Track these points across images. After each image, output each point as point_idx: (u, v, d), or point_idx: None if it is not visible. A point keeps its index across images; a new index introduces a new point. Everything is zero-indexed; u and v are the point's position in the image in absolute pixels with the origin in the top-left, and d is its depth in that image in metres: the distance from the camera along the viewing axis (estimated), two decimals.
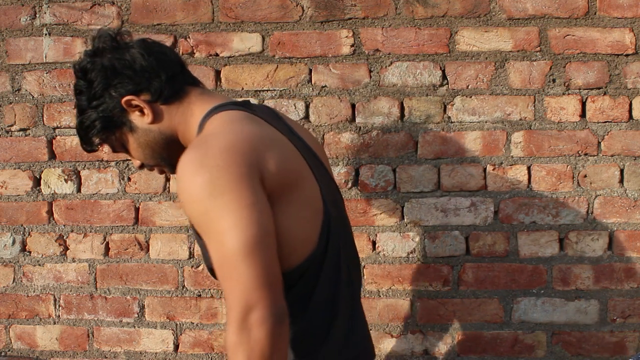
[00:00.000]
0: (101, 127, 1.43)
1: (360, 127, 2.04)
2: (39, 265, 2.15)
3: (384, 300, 2.06)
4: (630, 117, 1.99)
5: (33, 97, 2.12)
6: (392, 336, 2.06)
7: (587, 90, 1.99)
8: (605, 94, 1.99)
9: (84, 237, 2.13)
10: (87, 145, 1.50)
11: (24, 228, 2.15)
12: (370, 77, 2.03)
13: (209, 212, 1.21)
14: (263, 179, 1.25)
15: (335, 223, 1.41)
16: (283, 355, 1.22)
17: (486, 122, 2.01)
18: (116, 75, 1.40)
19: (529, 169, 2.01)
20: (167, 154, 1.45)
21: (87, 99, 1.43)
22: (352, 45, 2.03)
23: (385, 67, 2.03)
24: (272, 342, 1.18)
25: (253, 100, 2.04)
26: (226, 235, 1.19)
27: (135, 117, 1.42)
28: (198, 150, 1.26)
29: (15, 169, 2.14)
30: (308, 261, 1.34)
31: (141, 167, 1.51)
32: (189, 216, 1.29)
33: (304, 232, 1.34)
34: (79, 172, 2.13)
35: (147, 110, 1.40)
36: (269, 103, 2.05)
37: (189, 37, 2.07)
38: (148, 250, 2.11)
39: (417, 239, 2.04)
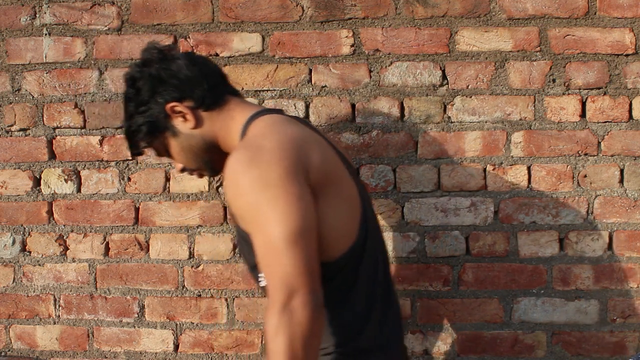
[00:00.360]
0: (147, 131, 1.54)
1: (360, 127, 2.04)
2: (39, 265, 2.15)
3: None
4: (630, 117, 1.99)
5: (33, 97, 2.12)
6: None
7: (587, 90, 1.99)
8: (605, 94, 1.99)
9: (84, 237, 2.13)
10: (134, 148, 1.61)
11: (24, 228, 2.15)
12: (370, 77, 2.03)
13: (258, 204, 1.29)
14: (308, 173, 1.34)
15: (371, 220, 1.52)
16: (319, 341, 1.29)
17: (486, 122, 2.01)
18: (162, 84, 1.51)
19: (529, 169, 2.01)
20: (208, 158, 1.55)
21: (134, 105, 1.54)
22: (352, 45, 2.03)
23: (385, 67, 2.03)
24: (312, 325, 1.25)
25: (253, 100, 2.04)
26: (273, 224, 1.27)
27: (178, 123, 1.52)
28: (247, 149, 1.35)
29: (15, 169, 2.14)
30: (349, 254, 1.42)
31: (182, 170, 1.62)
32: (236, 211, 1.37)
33: (345, 225, 1.42)
34: (79, 172, 2.13)
35: (189, 116, 1.51)
36: (269, 103, 2.05)
37: (189, 37, 2.07)
38: (148, 250, 2.11)
39: (417, 239, 2.04)
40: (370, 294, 1.49)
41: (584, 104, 2.00)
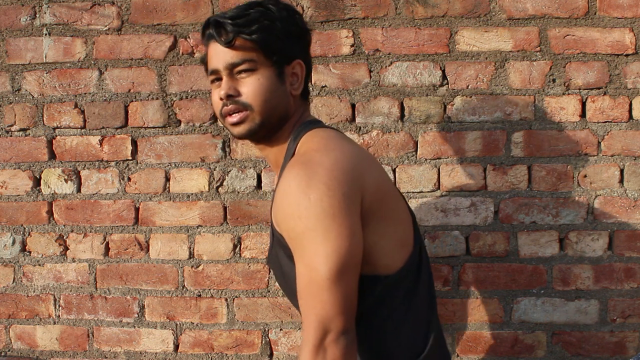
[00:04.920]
0: (273, 43, 1.38)
1: (360, 127, 2.04)
2: (39, 265, 2.15)
3: None
4: (630, 117, 1.99)
5: (33, 97, 2.12)
6: None
7: (587, 90, 1.99)
8: (605, 94, 1.99)
9: (84, 237, 2.13)
10: (243, 33, 1.37)
11: (24, 228, 2.15)
12: (370, 77, 2.03)
13: (310, 233, 1.27)
14: (363, 196, 1.33)
15: (418, 229, 1.52)
16: None
17: (486, 122, 2.01)
18: (308, 42, 1.49)
19: (529, 169, 2.01)
20: (274, 121, 1.42)
21: (284, 19, 1.40)
22: (352, 45, 2.03)
23: (385, 67, 2.03)
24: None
25: None
26: (320, 260, 1.27)
27: (288, 77, 1.43)
28: (306, 167, 1.31)
29: (15, 169, 2.14)
30: (409, 262, 1.43)
31: (229, 97, 1.40)
32: (285, 229, 1.34)
33: (401, 234, 1.43)
34: (79, 172, 2.13)
35: (300, 85, 1.46)
36: None
37: (189, 37, 2.07)
38: (148, 250, 2.11)
39: None
40: (431, 299, 1.52)
41: (584, 104, 2.00)
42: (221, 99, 1.41)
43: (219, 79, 1.43)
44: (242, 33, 1.37)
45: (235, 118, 1.41)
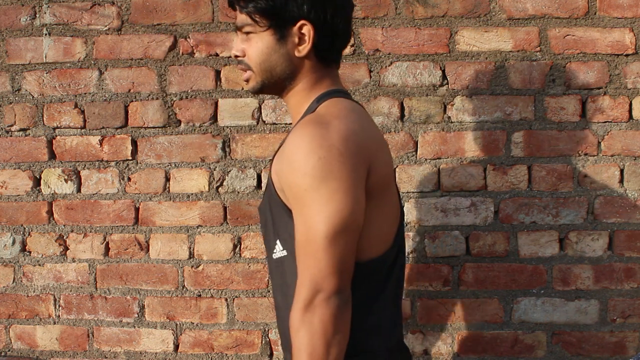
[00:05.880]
0: (271, 7, 1.39)
1: None
2: (39, 265, 2.15)
3: None
4: (630, 117, 1.99)
5: (33, 97, 2.12)
6: None
7: (587, 90, 1.99)
8: (605, 94, 1.99)
9: (84, 237, 2.13)
10: (242, 1, 1.42)
11: (24, 228, 2.15)
12: (370, 77, 2.03)
13: (314, 192, 1.27)
14: (369, 175, 1.33)
15: (403, 233, 1.52)
16: (344, 338, 1.29)
17: (486, 122, 2.01)
18: (318, 1, 1.40)
19: (529, 169, 2.01)
20: (274, 81, 1.45)
21: None
22: (352, 45, 2.03)
23: (385, 67, 2.03)
24: (335, 323, 1.26)
25: (253, 100, 2.05)
26: (320, 218, 1.26)
27: (291, 38, 1.41)
28: (320, 127, 1.31)
29: (15, 169, 2.14)
30: (381, 259, 1.41)
31: (236, 57, 1.47)
32: (288, 183, 1.32)
33: (386, 229, 1.42)
34: (79, 172, 2.13)
35: (306, 46, 1.41)
36: (270, 102, 2.05)
37: (189, 37, 2.07)
38: (148, 250, 2.11)
39: (417, 239, 2.04)
40: (398, 297, 1.51)
41: (584, 104, 2.00)
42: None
43: None
44: (238, 3, 1.43)
45: (244, 76, 1.49)
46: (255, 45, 1.43)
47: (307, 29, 1.40)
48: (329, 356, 1.26)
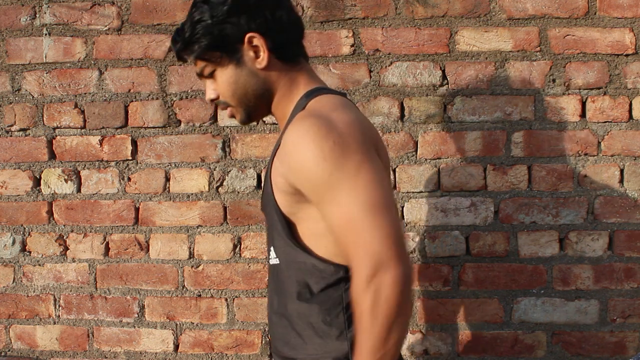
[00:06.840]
0: (210, 44, 1.40)
1: None
2: (39, 265, 2.15)
3: None
4: (630, 117, 1.99)
5: (33, 97, 2.12)
6: None
7: (587, 90, 1.99)
8: (605, 94, 1.99)
9: (84, 237, 2.13)
10: (185, 52, 1.44)
11: (24, 228, 2.15)
12: (370, 77, 2.03)
13: (338, 172, 1.21)
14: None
15: None
16: (407, 319, 1.21)
17: (486, 122, 2.01)
18: (252, 9, 1.39)
19: (529, 169, 2.01)
20: (254, 103, 1.45)
21: (211, 10, 1.39)
22: (352, 45, 2.03)
23: (385, 67, 2.03)
24: (401, 303, 1.17)
25: None
26: (355, 193, 1.19)
27: (247, 56, 1.41)
28: (321, 118, 1.27)
29: (15, 169, 2.14)
30: None
31: (212, 100, 1.48)
32: (302, 180, 1.27)
33: None
34: (79, 172, 2.13)
35: (264, 55, 1.40)
36: None
37: None
38: (148, 250, 2.11)
39: (417, 239, 2.04)
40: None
41: (584, 104, 2.00)
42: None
43: None
44: (183, 52, 1.44)
45: (228, 113, 1.50)
46: (220, 80, 1.43)
47: (257, 40, 1.39)
48: (389, 340, 1.18)
